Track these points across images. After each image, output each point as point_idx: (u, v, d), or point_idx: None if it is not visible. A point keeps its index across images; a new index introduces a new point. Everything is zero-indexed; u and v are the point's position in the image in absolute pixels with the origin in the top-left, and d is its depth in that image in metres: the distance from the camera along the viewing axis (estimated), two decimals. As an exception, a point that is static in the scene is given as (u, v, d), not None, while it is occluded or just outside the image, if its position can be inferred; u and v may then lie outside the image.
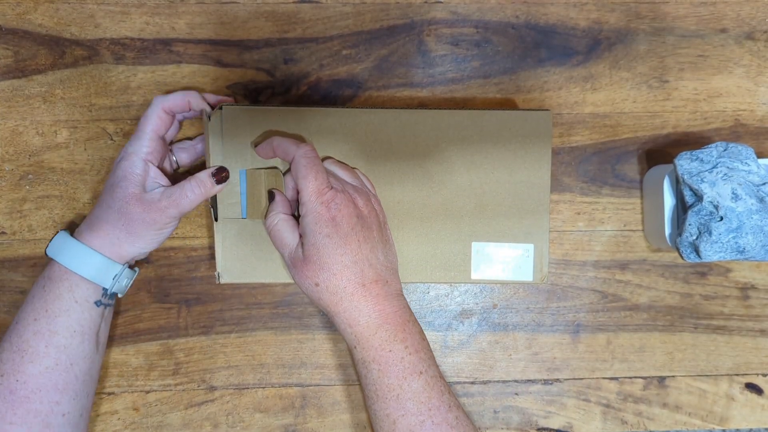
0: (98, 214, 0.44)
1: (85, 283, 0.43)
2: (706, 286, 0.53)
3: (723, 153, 0.46)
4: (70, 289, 0.43)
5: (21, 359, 0.42)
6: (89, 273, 0.43)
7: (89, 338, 0.44)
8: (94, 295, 0.44)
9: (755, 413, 0.53)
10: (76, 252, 0.44)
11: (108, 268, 0.44)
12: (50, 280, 0.44)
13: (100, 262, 0.44)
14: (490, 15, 0.53)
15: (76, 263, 0.43)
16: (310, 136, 0.47)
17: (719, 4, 0.54)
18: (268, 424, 0.51)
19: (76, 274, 0.43)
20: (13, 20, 0.51)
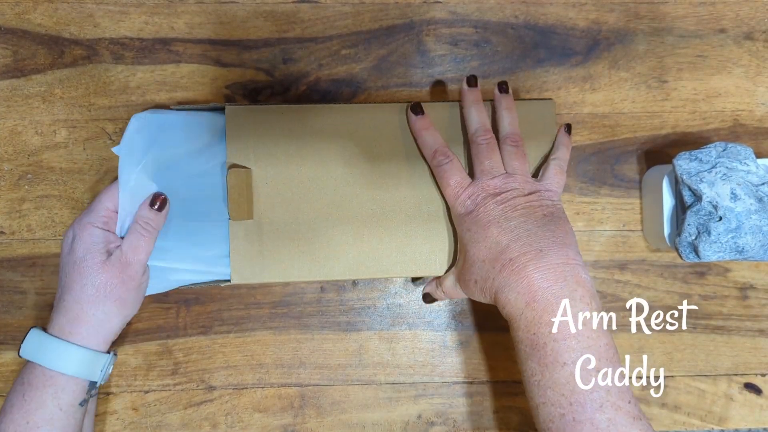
0: (73, 298, 0.42)
1: (71, 383, 0.41)
2: (705, 286, 0.53)
3: (722, 153, 0.46)
4: (55, 395, 0.40)
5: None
6: (77, 370, 0.41)
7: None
8: (80, 396, 0.42)
9: (754, 413, 0.53)
10: (60, 350, 0.41)
11: (95, 360, 0.42)
12: (31, 386, 0.40)
13: (88, 355, 0.41)
14: (490, 15, 0.53)
15: (62, 363, 0.40)
16: (312, 134, 0.46)
17: (718, 5, 0.54)
18: (267, 424, 0.51)
19: (62, 375, 0.40)
20: (12, 20, 0.51)
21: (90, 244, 0.42)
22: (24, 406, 0.40)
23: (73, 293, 0.42)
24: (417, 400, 0.52)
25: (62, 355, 0.41)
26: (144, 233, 0.43)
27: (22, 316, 0.50)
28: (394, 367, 0.52)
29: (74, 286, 0.42)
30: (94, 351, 0.42)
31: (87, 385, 0.42)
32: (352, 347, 0.52)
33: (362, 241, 0.46)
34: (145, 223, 0.43)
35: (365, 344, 0.52)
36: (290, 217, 0.46)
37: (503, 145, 0.44)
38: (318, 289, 0.52)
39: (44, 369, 0.41)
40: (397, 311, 0.52)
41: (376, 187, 0.47)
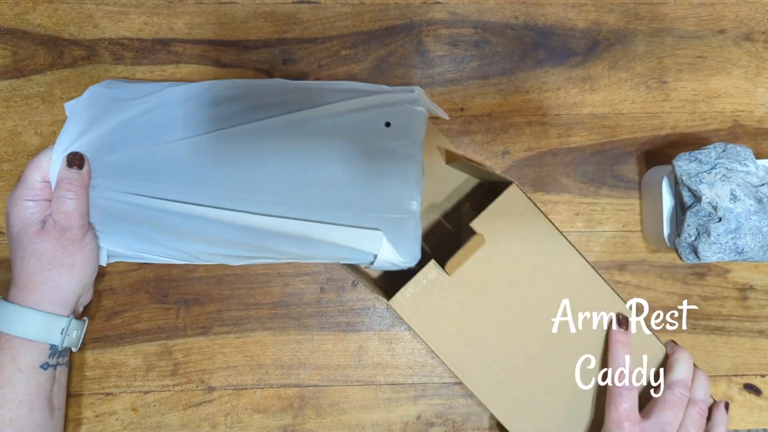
0: (19, 270, 0.42)
1: (28, 346, 0.41)
2: (704, 287, 0.53)
3: (721, 154, 0.46)
4: (12, 357, 0.41)
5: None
6: (32, 333, 0.41)
7: (39, 406, 0.42)
8: (40, 359, 0.42)
9: (753, 414, 0.53)
10: (14, 314, 0.41)
11: (53, 323, 0.42)
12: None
13: (43, 318, 0.42)
14: (489, 15, 0.53)
15: (17, 326, 0.41)
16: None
17: (718, 5, 0.54)
18: (267, 425, 0.51)
19: (18, 338, 0.41)
20: (11, 20, 0.51)
21: (22, 217, 0.42)
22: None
23: (18, 267, 0.42)
24: (416, 400, 0.52)
25: (16, 319, 0.41)
26: (69, 195, 0.42)
27: (21, 317, 0.50)
28: (393, 368, 0.52)
29: (17, 260, 0.42)
30: (50, 314, 0.42)
31: (48, 348, 0.42)
32: (352, 348, 0.52)
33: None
34: (68, 183, 0.42)
35: (365, 345, 0.52)
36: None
37: (691, 407, 0.45)
38: (318, 290, 0.52)
39: (2, 333, 0.41)
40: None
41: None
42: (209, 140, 0.45)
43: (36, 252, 0.42)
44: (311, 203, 0.45)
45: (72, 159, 0.43)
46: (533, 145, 0.53)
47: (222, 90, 0.47)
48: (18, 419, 0.41)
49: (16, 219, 0.42)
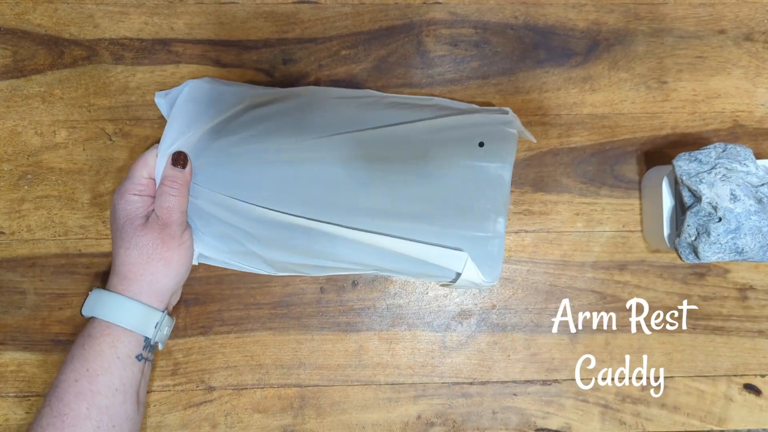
0: (121, 261, 0.44)
1: (127, 335, 0.42)
2: (704, 287, 0.53)
3: (721, 154, 0.46)
4: (112, 344, 0.42)
5: (62, 424, 0.40)
6: (132, 323, 0.42)
7: (131, 397, 0.43)
8: (136, 349, 0.43)
9: (753, 414, 0.53)
10: (115, 303, 0.43)
11: (149, 315, 0.43)
12: (90, 337, 0.42)
13: (141, 309, 0.43)
14: (489, 16, 0.53)
15: (117, 315, 0.42)
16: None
17: (718, 6, 0.54)
18: (267, 425, 0.51)
19: (118, 327, 0.42)
20: (11, 20, 0.51)
21: (128, 210, 0.44)
22: (83, 355, 0.42)
23: (120, 257, 0.44)
24: (416, 400, 0.52)
25: (118, 308, 0.43)
26: (173, 192, 0.44)
27: (21, 317, 0.50)
28: (393, 368, 0.52)
29: (120, 251, 0.44)
30: (148, 306, 0.43)
31: (143, 340, 0.43)
32: (352, 348, 0.52)
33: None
34: (171, 182, 0.44)
35: (365, 345, 0.52)
36: None
37: None
38: (318, 290, 0.52)
39: (102, 321, 0.43)
40: (397, 312, 0.52)
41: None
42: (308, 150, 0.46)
43: (139, 244, 0.43)
44: (401, 216, 0.45)
45: (176, 158, 0.45)
46: (533, 145, 0.53)
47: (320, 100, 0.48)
48: (112, 407, 0.41)
49: (122, 212, 0.44)
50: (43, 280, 0.50)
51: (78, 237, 0.51)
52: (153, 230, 0.43)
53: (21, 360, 0.50)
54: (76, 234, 0.51)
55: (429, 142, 0.46)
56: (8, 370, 0.50)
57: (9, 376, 0.50)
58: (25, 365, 0.50)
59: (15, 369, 0.50)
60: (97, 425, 0.40)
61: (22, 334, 0.50)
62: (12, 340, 0.50)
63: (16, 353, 0.50)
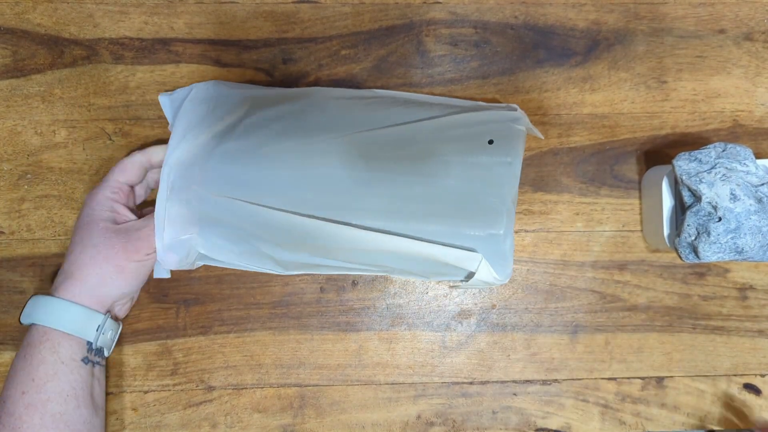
0: (73, 259, 0.42)
1: (67, 339, 0.41)
2: (704, 286, 0.53)
3: (721, 154, 0.46)
4: (52, 349, 0.40)
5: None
6: (70, 326, 0.41)
7: (84, 401, 0.41)
8: (80, 352, 0.41)
9: (753, 414, 0.53)
10: (53, 307, 0.41)
11: (89, 318, 0.42)
12: (30, 345, 0.41)
13: (80, 312, 0.41)
14: (489, 15, 0.53)
15: (54, 318, 0.41)
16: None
17: (718, 5, 0.54)
18: (267, 425, 0.51)
19: (56, 331, 0.41)
20: (11, 20, 0.51)
21: (96, 209, 0.43)
22: (26, 366, 0.40)
23: (74, 255, 0.42)
24: (416, 400, 0.52)
25: (54, 311, 0.41)
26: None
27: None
28: (393, 368, 0.52)
29: (75, 248, 0.43)
30: (87, 308, 0.42)
31: (85, 344, 0.42)
32: (352, 347, 0.52)
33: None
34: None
35: (365, 344, 0.52)
36: None
37: None
38: (317, 290, 0.52)
39: (39, 327, 0.41)
40: (397, 311, 0.52)
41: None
42: (316, 152, 0.46)
43: (98, 245, 0.42)
44: (412, 216, 0.45)
45: None
46: (533, 144, 0.53)
47: (326, 101, 0.48)
48: (67, 413, 0.40)
49: (90, 210, 0.43)
50: (43, 279, 0.50)
51: (78, 237, 0.51)
52: (119, 237, 0.42)
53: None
54: (75, 234, 0.51)
55: (438, 140, 0.46)
56: (8, 371, 0.50)
57: (9, 376, 0.50)
58: (24, 365, 0.50)
59: (15, 369, 0.50)
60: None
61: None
62: (12, 340, 0.50)
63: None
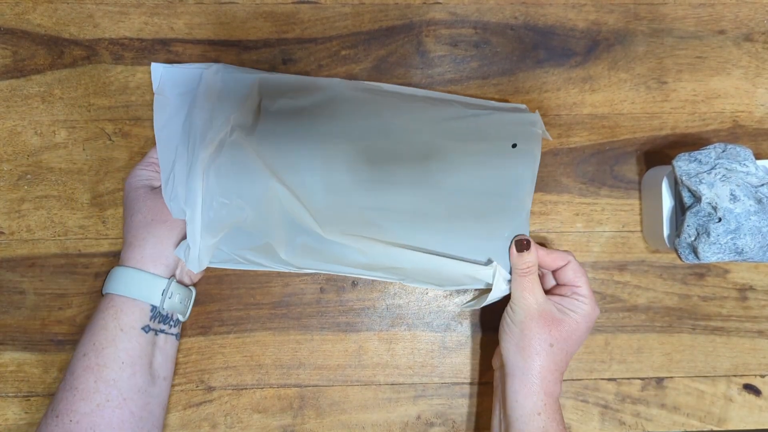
0: (128, 228, 0.45)
1: (129, 305, 0.43)
2: (704, 287, 0.53)
3: (721, 154, 0.46)
4: (115, 316, 0.42)
5: (73, 397, 0.40)
6: (134, 291, 0.43)
7: (141, 369, 0.43)
8: (141, 320, 0.43)
9: (753, 414, 0.53)
10: (118, 274, 0.44)
11: (152, 282, 0.43)
12: (98, 311, 0.43)
13: (142, 276, 0.43)
14: (489, 16, 0.53)
15: (119, 285, 0.43)
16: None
17: (718, 6, 0.54)
18: (267, 425, 0.51)
19: (121, 297, 0.43)
20: (11, 20, 0.51)
21: (135, 181, 0.46)
22: (91, 329, 0.43)
23: (127, 225, 0.46)
24: (416, 400, 0.52)
25: (120, 278, 0.43)
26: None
27: (21, 317, 0.50)
28: (393, 368, 0.52)
29: (127, 219, 0.46)
30: (149, 273, 0.44)
31: (149, 309, 0.43)
32: (352, 348, 0.52)
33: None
34: None
35: (364, 345, 0.52)
36: None
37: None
38: (317, 290, 0.52)
39: (109, 294, 0.43)
40: (397, 312, 0.52)
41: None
42: (338, 157, 0.46)
43: (142, 209, 0.45)
44: (438, 218, 0.46)
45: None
46: (533, 145, 0.53)
47: (344, 98, 0.48)
48: (121, 380, 0.42)
49: (130, 185, 0.46)
50: (43, 280, 0.50)
51: (78, 237, 0.51)
52: (157, 195, 0.45)
53: (21, 360, 0.50)
54: (75, 234, 0.51)
55: (461, 145, 0.47)
56: (8, 370, 0.50)
57: (9, 376, 0.50)
58: (24, 365, 0.50)
59: (15, 369, 0.50)
60: (106, 398, 0.41)
61: (21, 334, 0.50)
62: (12, 340, 0.50)
63: (16, 353, 0.50)
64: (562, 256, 0.46)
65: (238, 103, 0.46)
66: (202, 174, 0.44)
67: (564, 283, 0.46)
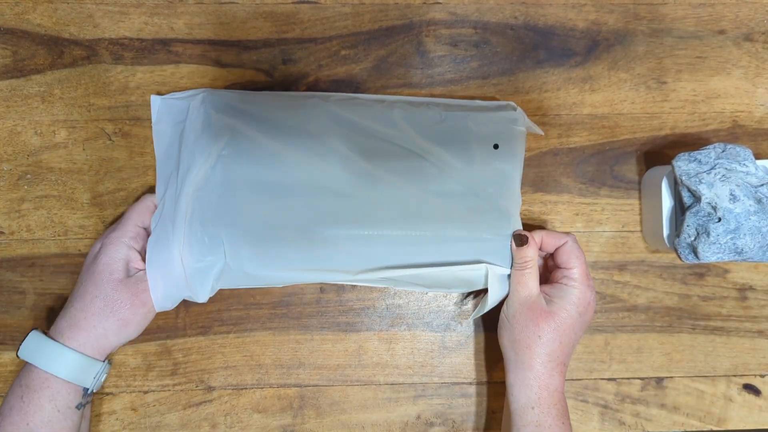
0: (81, 306, 0.43)
1: (66, 387, 0.41)
2: (704, 287, 0.53)
3: (721, 154, 0.46)
4: (52, 397, 0.41)
5: None
6: (72, 375, 0.41)
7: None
8: (75, 399, 0.42)
9: (753, 414, 0.53)
10: (57, 354, 0.42)
11: (90, 366, 0.42)
12: (29, 388, 0.41)
13: (82, 362, 0.42)
14: (489, 16, 0.53)
15: (57, 366, 0.41)
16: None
17: (717, 6, 0.54)
18: (267, 425, 0.51)
19: (57, 378, 0.41)
20: (11, 20, 0.51)
21: (113, 259, 0.44)
22: (23, 409, 0.41)
23: (82, 302, 0.43)
24: (416, 400, 0.52)
25: (58, 359, 0.42)
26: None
27: (21, 317, 0.50)
28: (393, 368, 0.52)
29: (86, 296, 0.43)
30: (89, 358, 0.42)
31: (81, 390, 0.43)
32: (352, 348, 0.52)
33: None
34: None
35: (364, 345, 0.52)
36: None
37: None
38: (317, 290, 0.52)
39: (40, 371, 0.41)
40: (397, 312, 0.52)
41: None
42: (325, 170, 0.46)
43: (108, 298, 0.43)
44: (427, 220, 0.46)
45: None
46: (533, 145, 0.53)
47: (323, 110, 0.48)
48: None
49: (105, 258, 0.44)
50: (43, 280, 0.50)
51: (78, 237, 0.51)
52: (129, 289, 0.43)
53: (20, 360, 0.50)
54: (75, 234, 0.51)
55: (443, 146, 0.47)
56: (8, 370, 0.50)
57: (9, 376, 0.50)
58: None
59: (14, 369, 0.50)
60: None
61: (21, 334, 0.50)
62: (12, 340, 0.50)
63: (16, 353, 0.50)
64: (560, 237, 0.46)
65: (218, 133, 0.46)
66: (188, 206, 0.44)
67: (558, 265, 0.46)
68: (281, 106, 0.47)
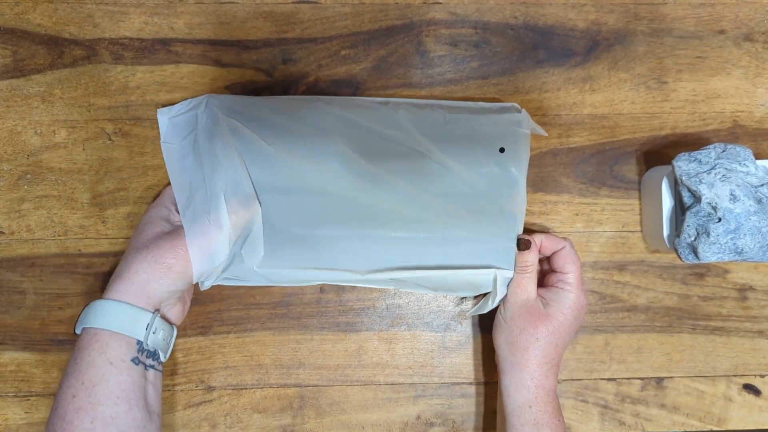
0: (124, 258, 0.43)
1: (115, 339, 0.40)
2: (704, 287, 0.53)
3: (721, 154, 0.46)
4: (101, 350, 0.40)
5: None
6: (117, 325, 0.40)
7: (137, 404, 0.40)
8: (129, 353, 0.40)
9: (753, 414, 0.53)
10: (99, 307, 0.41)
11: (136, 316, 0.41)
12: (79, 348, 0.40)
13: (126, 310, 0.41)
14: (489, 16, 0.53)
15: (101, 318, 0.40)
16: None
17: (718, 6, 0.54)
18: (267, 425, 0.51)
19: (105, 331, 0.40)
20: (11, 20, 0.51)
21: (153, 215, 0.45)
22: (76, 369, 0.40)
23: (128, 257, 0.43)
24: (416, 400, 0.52)
25: (101, 311, 0.41)
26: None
27: (21, 316, 0.50)
28: (393, 368, 0.52)
29: (130, 251, 0.44)
30: (134, 306, 0.41)
31: (135, 343, 0.41)
32: (352, 348, 0.52)
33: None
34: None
35: (364, 345, 0.52)
36: None
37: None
38: (317, 290, 0.52)
39: (89, 329, 0.41)
40: (396, 312, 0.52)
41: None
42: (331, 174, 0.46)
43: (148, 245, 0.43)
44: (431, 225, 0.47)
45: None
46: (533, 145, 0.53)
47: (326, 113, 0.47)
48: (118, 417, 0.39)
49: (147, 216, 0.46)
50: (43, 279, 0.50)
51: (77, 237, 0.51)
52: (169, 236, 0.43)
53: (21, 360, 0.50)
54: (75, 234, 0.51)
55: (447, 149, 0.47)
56: (8, 370, 0.50)
57: (9, 376, 0.50)
58: (24, 365, 0.50)
59: (14, 369, 0.50)
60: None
61: (21, 334, 0.50)
62: (12, 340, 0.50)
63: (16, 353, 0.50)
64: (557, 242, 0.47)
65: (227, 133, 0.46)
66: (222, 192, 0.44)
67: (555, 269, 0.47)
68: (284, 109, 0.47)
